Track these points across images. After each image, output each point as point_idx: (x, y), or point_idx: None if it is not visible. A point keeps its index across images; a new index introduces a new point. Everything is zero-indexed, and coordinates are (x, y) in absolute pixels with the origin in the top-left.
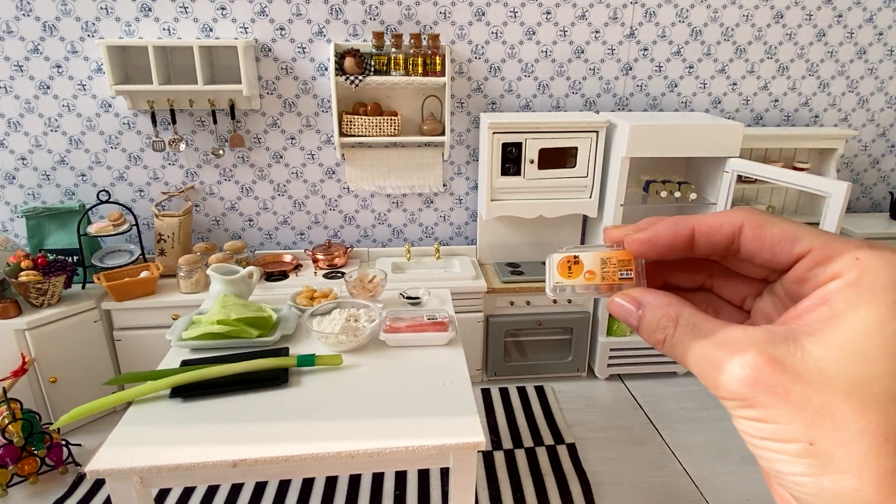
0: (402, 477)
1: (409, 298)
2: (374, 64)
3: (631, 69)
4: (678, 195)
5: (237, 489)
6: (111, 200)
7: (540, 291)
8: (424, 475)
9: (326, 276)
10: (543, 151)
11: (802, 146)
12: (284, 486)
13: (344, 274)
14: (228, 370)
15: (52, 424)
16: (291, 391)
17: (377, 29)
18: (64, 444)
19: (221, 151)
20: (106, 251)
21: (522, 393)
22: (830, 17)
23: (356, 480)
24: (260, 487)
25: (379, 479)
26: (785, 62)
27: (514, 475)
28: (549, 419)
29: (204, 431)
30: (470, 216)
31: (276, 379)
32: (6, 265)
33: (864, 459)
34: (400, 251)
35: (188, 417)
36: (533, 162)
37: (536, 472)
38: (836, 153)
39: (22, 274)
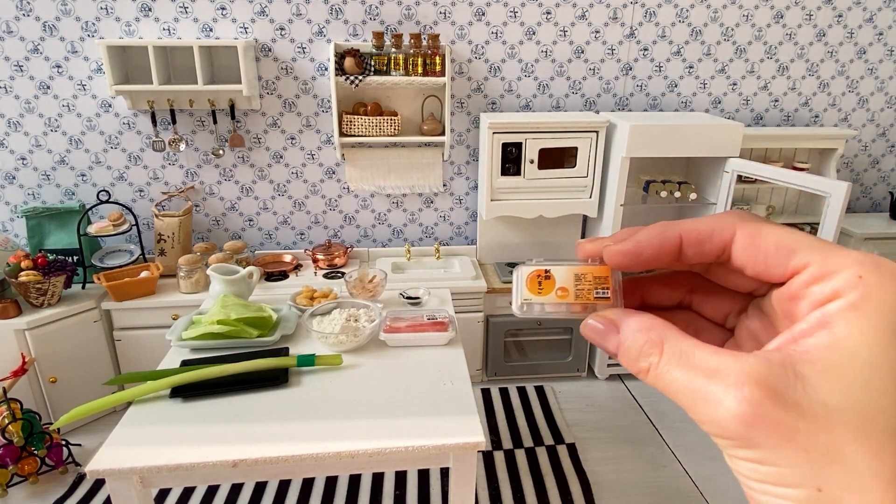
0: (402, 477)
1: (409, 298)
2: (374, 64)
3: (631, 69)
4: (678, 195)
5: (237, 489)
6: (111, 200)
7: None
8: (424, 475)
9: (326, 276)
10: (543, 151)
11: (802, 146)
12: (284, 486)
13: (344, 274)
14: (228, 370)
15: (52, 424)
16: (291, 391)
17: (377, 29)
18: (64, 444)
19: (221, 151)
20: (106, 251)
21: (522, 393)
22: (830, 17)
23: (356, 480)
24: (260, 487)
25: (379, 479)
26: (785, 62)
27: (514, 475)
28: (549, 419)
29: (204, 431)
30: (470, 216)
31: (276, 379)
32: (6, 265)
33: None
34: (400, 251)
35: (188, 417)
36: (533, 162)
37: (536, 472)
38: (836, 153)
39: (22, 274)
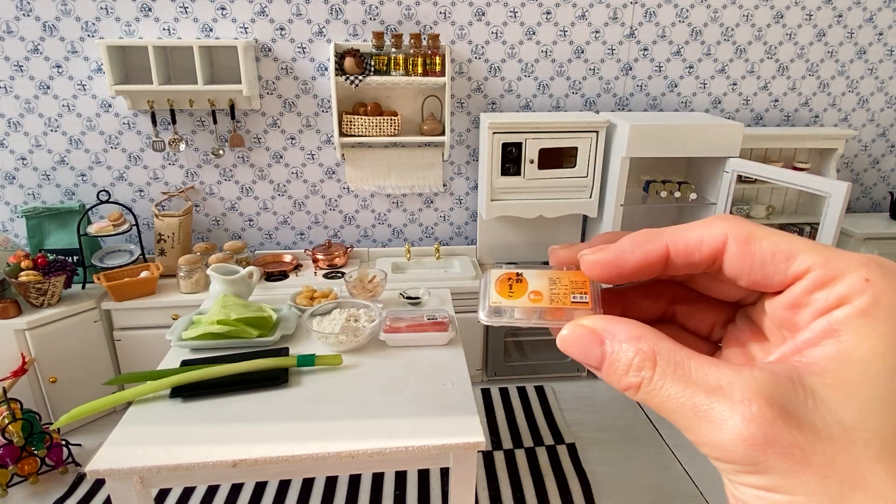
0: (402, 477)
1: (409, 298)
2: (374, 64)
3: (631, 69)
4: (678, 195)
5: (237, 489)
6: (111, 200)
7: None
8: (424, 475)
9: (326, 276)
10: (543, 151)
11: (802, 146)
12: (284, 486)
13: (344, 274)
14: (228, 370)
15: (52, 424)
16: (291, 391)
17: (377, 29)
18: (64, 444)
19: (221, 151)
20: (106, 251)
21: (522, 393)
22: (830, 17)
23: (356, 480)
24: (260, 487)
25: (379, 479)
26: (785, 62)
27: (514, 475)
28: (549, 419)
29: (204, 431)
30: (470, 216)
31: (276, 379)
32: (6, 265)
33: None
34: (400, 251)
35: (188, 417)
36: (533, 162)
37: (536, 472)
38: (836, 153)
39: (22, 274)
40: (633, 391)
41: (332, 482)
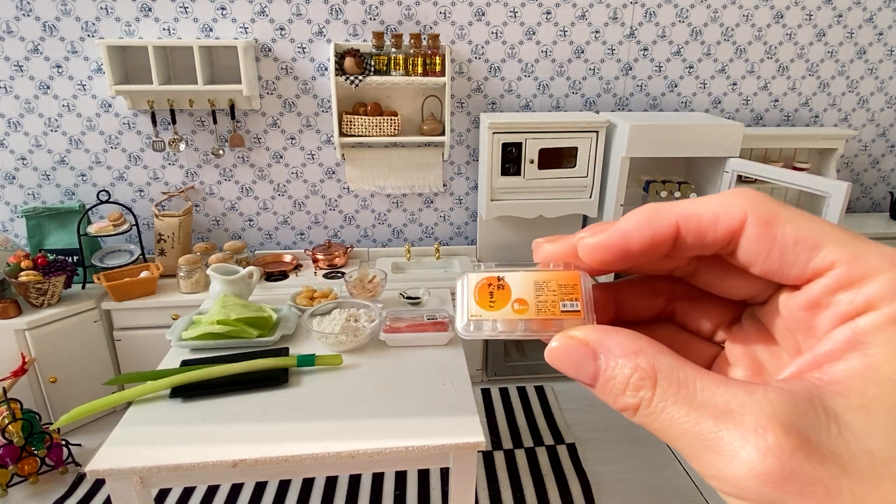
0: (402, 477)
1: (409, 298)
2: (374, 64)
3: (631, 69)
4: (678, 195)
5: (237, 489)
6: (111, 200)
7: None
8: (424, 475)
9: (326, 276)
10: (543, 151)
11: (802, 146)
12: (284, 486)
13: (344, 274)
14: (228, 370)
15: (52, 424)
16: (291, 391)
17: (377, 29)
18: (64, 444)
19: (221, 151)
20: (106, 251)
21: (522, 393)
22: (830, 17)
23: (356, 480)
24: (260, 487)
25: (379, 479)
26: (785, 62)
27: (514, 475)
28: (549, 419)
29: (204, 431)
30: (470, 216)
31: (276, 379)
32: (6, 265)
33: None
34: (400, 251)
35: (188, 417)
36: (533, 162)
37: (536, 472)
38: (836, 153)
39: (22, 274)
40: (630, 412)
41: (332, 482)
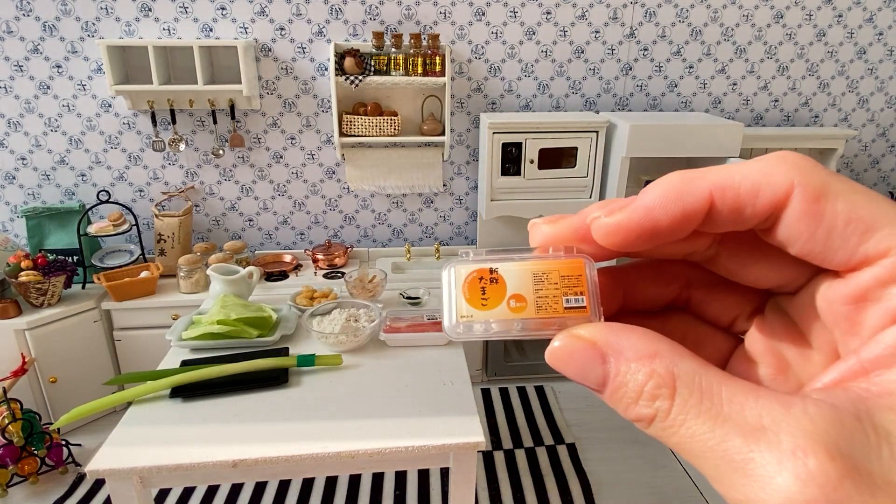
0: (402, 477)
1: (409, 298)
2: (374, 64)
3: (631, 69)
4: None
5: (237, 489)
6: (111, 200)
7: None
8: (424, 475)
9: (326, 276)
10: (543, 151)
11: (802, 146)
12: (284, 486)
13: (344, 274)
14: (228, 370)
15: (52, 424)
16: (291, 391)
17: (377, 29)
18: (64, 444)
19: (221, 151)
20: (106, 251)
21: (522, 393)
22: (830, 17)
23: (356, 480)
24: (260, 487)
25: (379, 479)
26: (785, 62)
27: (514, 475)
28: (549, 419)
29: (204, 431)
30: (470, 216)
31: (276, 379)
32: (6, 265)
33: None
34: (400, 251)
35: (188, 417)
36: (533, 162)
37: (536, 472)
38: (836, 153)
39: (22, 274)
40: (643, 424)
41: (332, 482)
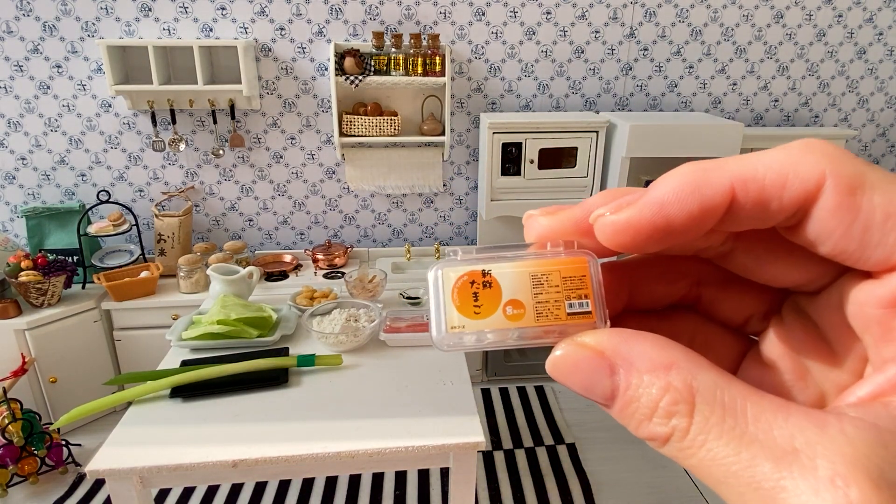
0: (402, 477)
1: (409, 298)
2: (374, 64)
3: (631, 69)
4: None
5: (237, 489)
6: (111, 200)
7: None
8: (424, 475)
9: (326, 276)
10: (543, 151)
11: None
12: (284, 486)
13: (344, 274)
14: (228, 370)
15: (52, 424)
16: (291, 391)
17: (377, 29)
18: (64, 444)
19: (221, 151)
20: (106, 251)
21: (522, 393)
22: (830, 17)
23: (356, 480)
24: (260, 487)
25: (379, 479)
26: (785, 62)
27: (514, 475)
28: (549, 419)
29: (204, 431)
30: (470, 216)
31: (276, 379)
32: (6, 265)
33: None
34: (400, 251)
35: (188, 417)
36: (533, 162)
37: (536, 472)
38: None
39: (22, 274)
40: (658, 443)
41: (332, 482)
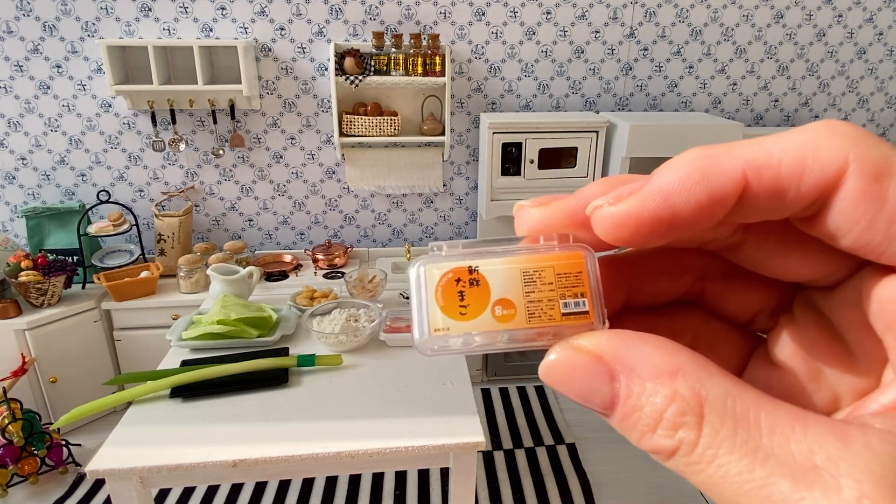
0: (402, 477)
1: (408, 298)
2: (374, 64)
3: (631, 69)
4: None
5: (237, 489)
6: (111, 200)
7: None
8: (424, 475)
9: (326, 276)
10: (543, 151)
11: None
12: (284, 486)
13: (344, 274)
14: (228, 370)
15: (52, 424)
16: (291, 391)
17: (377, 29)
18: (64, 444)
19: (221, 151)
20: (106, 251)
21: (522, 393)
22: (830, 17)
23: (356, 480)
24: (260, 487)
25: (379, 479)
26: (785, 62)
27: (514, 475)
28: (549, 419)
29: (204, 431)
30: (470, 216)
31: (276, 379)
32: (6, 265)
33: None
34: (400, 251)
35: (188, 417)
36: (533, 162)
37: (536, 472)
38: None
39: (22, 274)
40: (662, 456)
41: (332, 482)
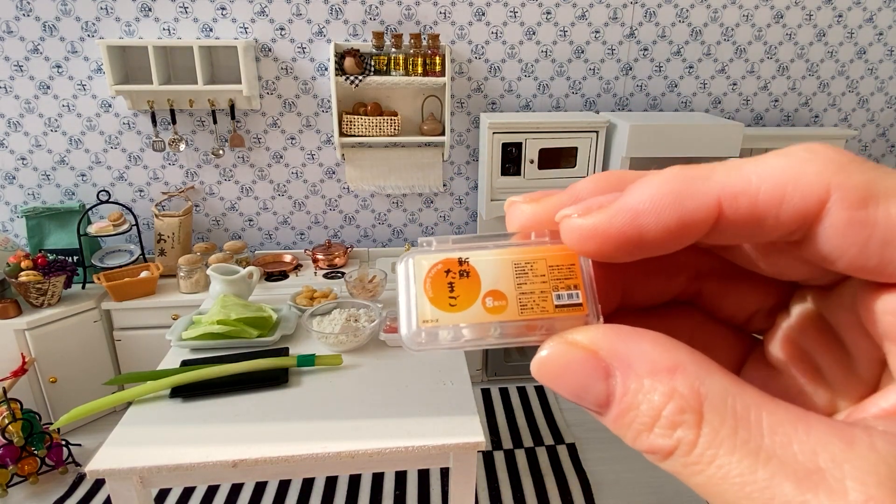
0: (402, 477)
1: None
2: (374, 64)
3: (631, 69)
4: None
5: (237, 489)
6: (111, 200)
7: None
8: (424, 475)
9: (326, 276)
10: (543, 151)
11: None
12: (284, 486)
13: (344, 274)
14: (228, 370)
15: (52, 424)
16: (291, 391)
17: (377, 29)
18: (64, 444)
19: (221, 151)
20: (106, 251)
21: (522, 393)
22: (830, 17)
23: (356, 480)
24: (260, 487)
25: (379, 479)
26: (785, 62)
27: (514, 475)
28: (549, 419)
29: (204, 431)
30: (470, 216)
31: (276, 379)
32: (6, 265)
33: None
34: (400, 251)
35: (188, 417)
36: (533, 162)
37: (536, 472)
38: None
39: (22, 274)
40: (659, 457)
41: (332, 482)
